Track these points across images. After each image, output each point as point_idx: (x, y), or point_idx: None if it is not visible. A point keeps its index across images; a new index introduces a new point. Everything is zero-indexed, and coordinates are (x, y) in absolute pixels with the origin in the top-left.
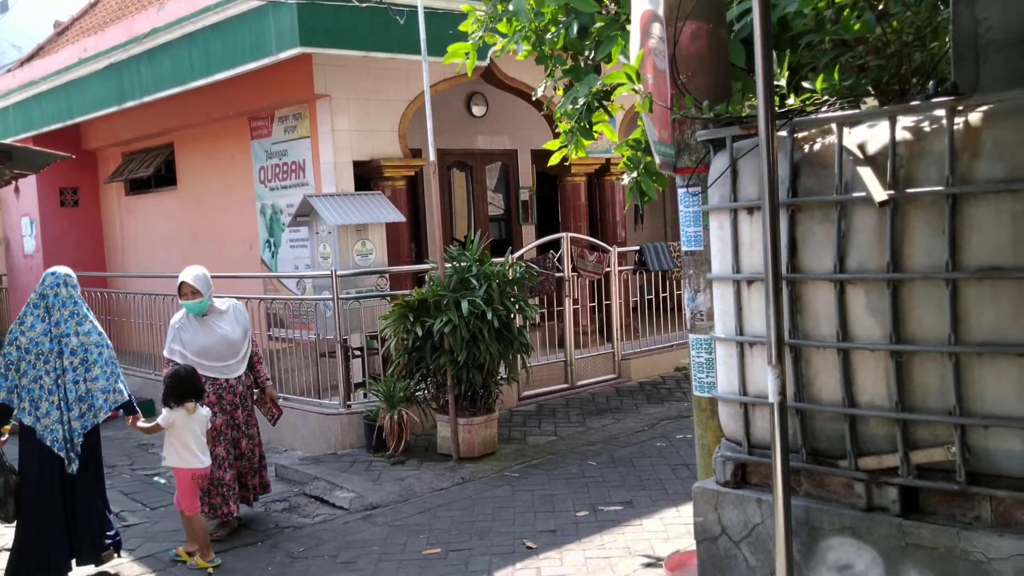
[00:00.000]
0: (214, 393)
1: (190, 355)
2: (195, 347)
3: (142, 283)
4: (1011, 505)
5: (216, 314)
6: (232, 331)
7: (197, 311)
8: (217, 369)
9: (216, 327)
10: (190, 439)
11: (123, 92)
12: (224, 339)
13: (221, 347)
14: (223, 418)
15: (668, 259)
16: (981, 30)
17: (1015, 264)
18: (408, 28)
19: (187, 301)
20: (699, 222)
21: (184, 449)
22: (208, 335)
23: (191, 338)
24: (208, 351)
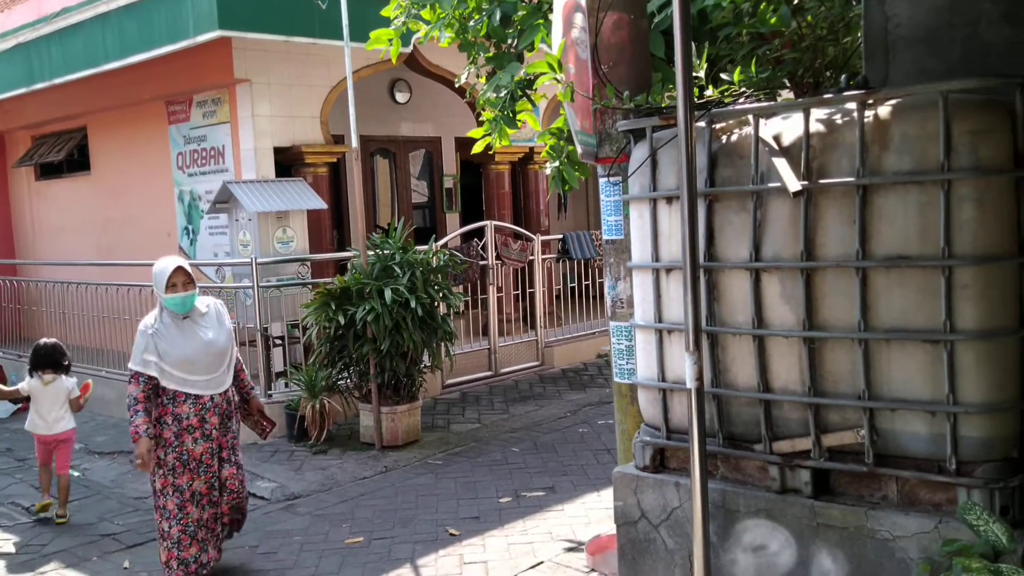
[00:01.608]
0: (195, 415)
1: (168, 367)
2: (175, 357)
3: (54, 271)
4: (916, 485)
5: (197, 315)
6: (216, 336)
7: (184, 308)
8: (201, 384)
9: (199, 331)
10: (44, 407)
11: (32, 73)
12: (209, 346)
13: (206, 356)
14: (204, 446)
15: (591, 247)
16: (891, 26)
17: (921, 253)
18: (330, 13)
19: (176, 294)
20: (620, 211)
21: (36, 415)
22: (190, 342)
23: (169, 346)
24: (191, 362)
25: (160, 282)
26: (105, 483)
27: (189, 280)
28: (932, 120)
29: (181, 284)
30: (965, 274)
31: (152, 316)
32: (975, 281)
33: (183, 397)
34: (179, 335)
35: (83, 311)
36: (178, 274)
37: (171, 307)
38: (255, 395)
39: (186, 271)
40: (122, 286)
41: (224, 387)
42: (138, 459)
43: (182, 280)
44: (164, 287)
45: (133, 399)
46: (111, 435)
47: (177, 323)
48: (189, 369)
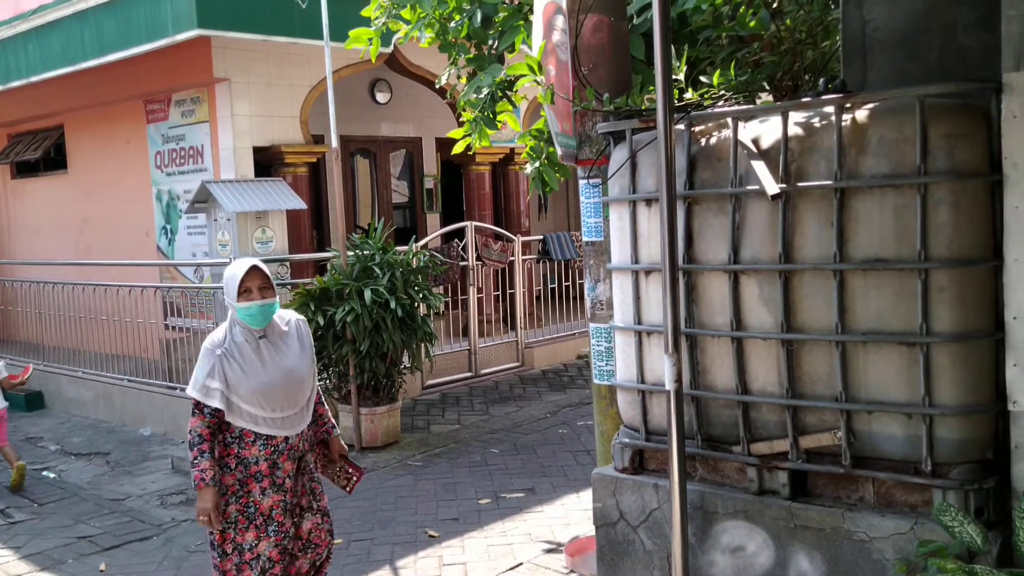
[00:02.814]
0: (265, 460)
1: (237, 399)
2: (247, 387)
3: (29, 270)
4: (892, 487)
5: (276, 333)
6: (298, 361)
7: (262, 321)
8: (275, 423)
9: (277, 355)
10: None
11: (8, 71)
12: (289, 375)
13: (285, 387)
14: (274, 498)
15: (571, 249)
16: (868, 30)
17: (897, 256)
18: (310, 12)
19: (251, 303)
20: (600, 213)
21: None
22: (268, 368)
23: (241, 373)
24: (267, 394)
25: (231, 288)
26: (81, 485)
27: (267, 285)
28: (909, 124)
29: (257, 290)
30: (941, 277)
31: (221, 331)
32: (951, 284)
33: (251, 437)
34: (254, 359)
35: (60, 311)
36: (253, 277)
37: (244, 319)
38: (337, 435)
39: (264, 274)
40: (99, 286)
41: (302, 426)
42: (200, 514)
43: (258, 285)
44: (236, 294)
45: (197, 436)
46: (87, 436)
47: (252, 343)
48: (263, 403)
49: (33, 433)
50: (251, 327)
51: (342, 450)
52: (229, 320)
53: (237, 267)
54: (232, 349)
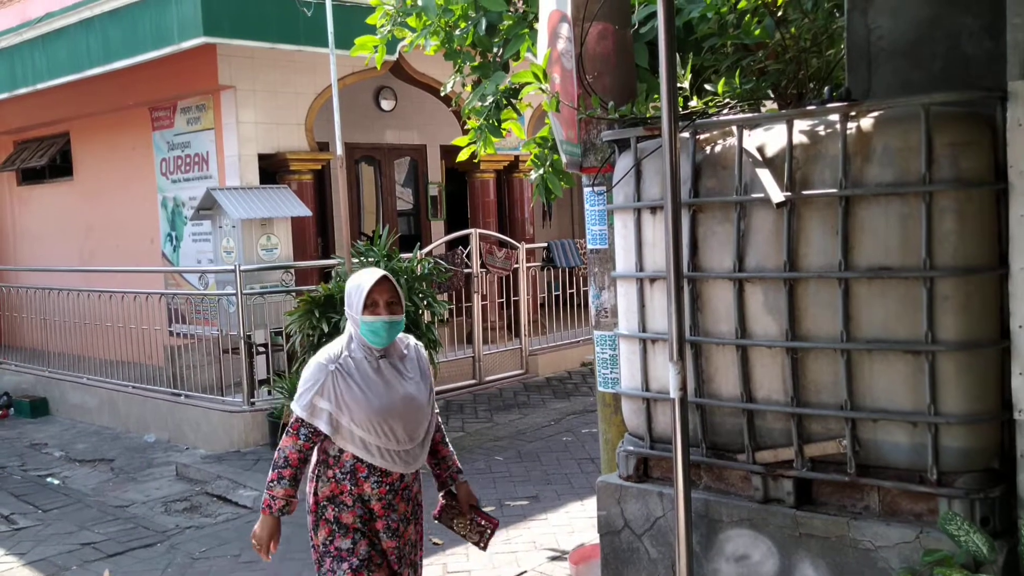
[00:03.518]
0: (378, 499)
1: (349, 422)
2: (366, 410)
3: (35, 277)
4: (897, 495)
5: (396, 355)
6: (418, 389)
7: (387, 339)
8: (394, 456)
9: (400, 379)
10: None
11: (15, 78)
12: (410, 403)
13: (405, 414)
14: (388, 543)
15: (575, 256)
16: (873, 38)
17: (902, 264)
18: (316, 20)
19: (377, 317)
20: (604, 220)
21: None
22: (389, 392)
23: (359, 393)
24: (387, 420)
25: (356, 299)
26: (85, 491)
27: (396, 300)
28: (914, 132)
29: (384, 305)
30: (946, 285)
31: (337, 346)
32: (956, 292)
33: (364, 472)
34: (375, 379)
35: (65, 317)
36: (382, 289)
37: (367, 336)
38: (463, 479)
39: (394, 287)
40: (104, 292)
41: (420, 463)
42: (254, 539)
43: (386, 299)
44: (361, 306)
45: (283, 458)
46: (91, 443)
47: (371, 362)
48: (380, 430)
49: (38, 439)
50: (373, 345)
51: (472, 498)
52: (347, 334)
53: (364, 277)
54: (349, 365)
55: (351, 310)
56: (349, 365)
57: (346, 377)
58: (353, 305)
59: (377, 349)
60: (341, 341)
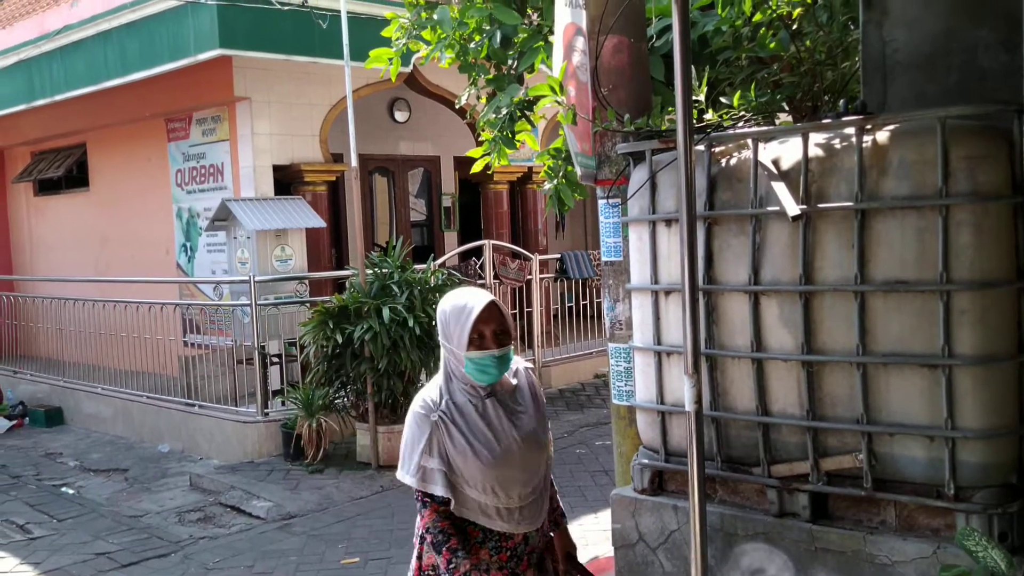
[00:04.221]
0: (497, 568)
1: (460, 482)
2: (477, 465)
3: (51, 287)
4: (914, 510)
5: (505, 389)
6: (536, 423)
7: (496, 376)
8: (515, 515)
9: (512, 418)
10: None
11: (33, 90)
12: (529, 444)
13: (524, 461)
14: None
15: (588, 267)
16: (888, 51)
17: (919, 278)
18: (331, 32)
19: (486, 353)
20: (619, 233)
21: None
22: (501, 438)
23: (467, 446)
24: (503, 473)
25: (458, 331)
26: (100, 501)
27: (505, 329)
28: (930, 146)
29: (491, 336)
30: (963, 299)
31: (434, 388)
32: (973, 306)
33: (479, 536)
34: (481, 426)
35: (80, 327)
36: (489, 317)
37: (473, 374)
38: (566, 524)
39: (502, 313)
40: (119, 303)
41: (543, 515)
42: None
43: (493, 329)
44: (466, 340)
45: (439, 534)
46: (106, 452)
47: (476, 403)
48: (496, 487)
49: (53, 449)
50: (479, 383)
51: (570, 545)
52: (444, 373)
53: (465, 303)
54: (452, 413)
55: (450, 343)
56: (452, 412)
57: (452, 427)
58: (453, 338)
59: (483, 387)
60: (437, 381)
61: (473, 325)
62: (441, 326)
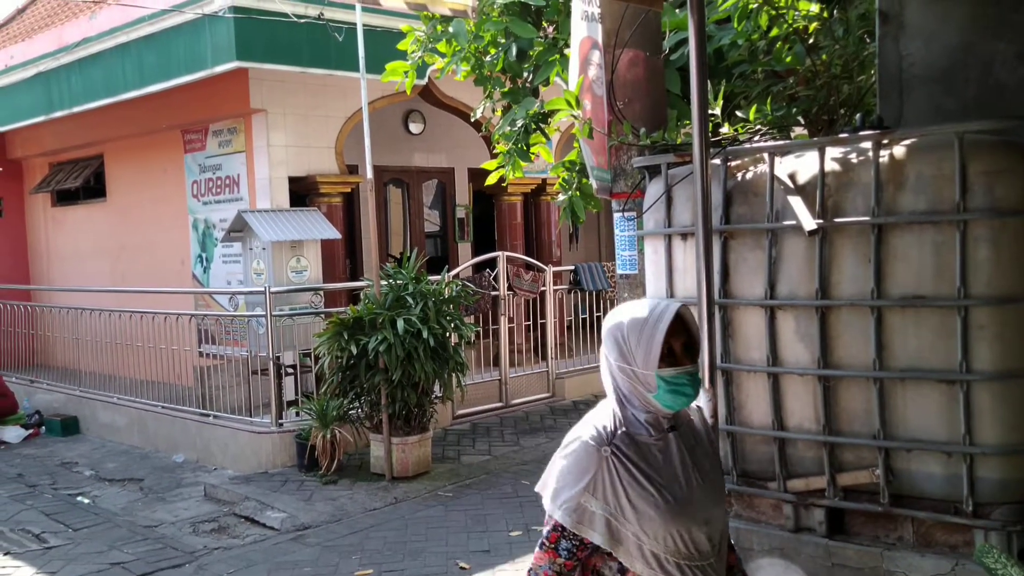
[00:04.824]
0: None
1: (636, 532)
2: (662, 515)
3: (68, 297)
4: (932, 526)
5: (685, 420)
6: (714, 465)
7: (685, 401)
8: (698, 573)
9: (696, 456)
10: None
11: (51, 101)
12: (714, 490)
13: (711, 511)
14: None
15: (602, 279)
16: (905, 65)
17: (936, 293)
18: (346, 45)
19: (679, 371)
20: (634, 246)
21: None
22: (685, 481)
23: (650, 492)
24: (689, 524)
25: (641, 347)
26: (115, 511)
27: (693, 339)
28: (948, 160)
29: (681, 349)
30: (981, 314)
31: (606, 416)
32: (991, 322)
33: None
34: (665, 466)
35: (96, 337)
36: (679, 328)
37: (665, 399)
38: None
39: (692, 325)
40: (135, 313)
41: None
42: None
43: (683, 341)
44: (656, 355)
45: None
46: (121, 462)
47: (657, 438)
48: (678, 540)
49: (68, 458)
50: (668, 411)
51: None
52: (613, 400)
53: (648, 309)
54: (627, 448)
55: (630, 363)
56: (628, 447)
57: (627, 465)
58: (638, 356)
59: (667, 418)
60: (605, 410)
61: (664, 338)
62: (614, 344)
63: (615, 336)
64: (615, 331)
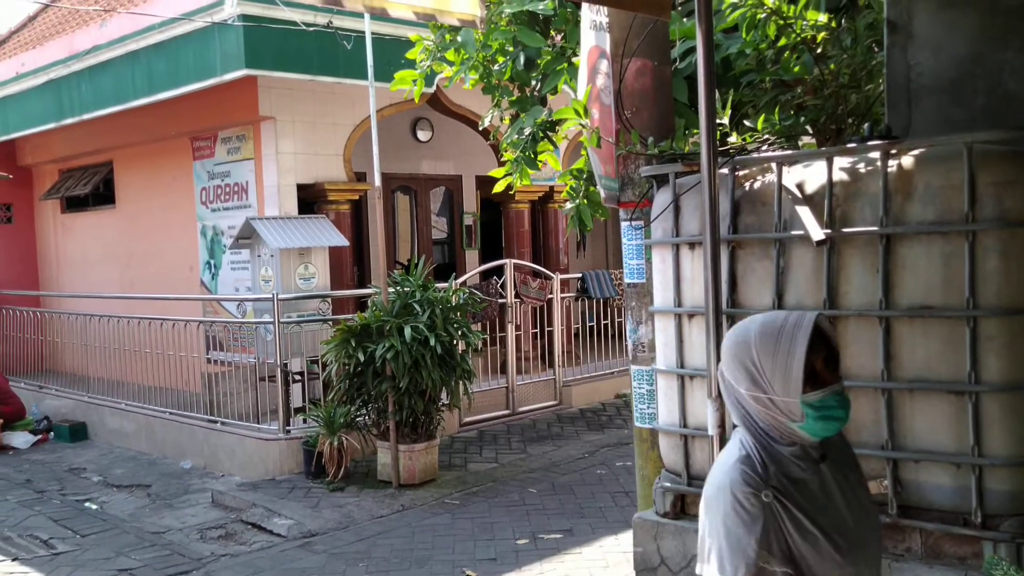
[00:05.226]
0: None
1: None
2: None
3: (77, 303)
4: (940, 538)
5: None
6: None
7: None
8: None
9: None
10: None
11: (62, 109)
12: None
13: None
14: None
15: (610, 287)
16: (913, 75)
17: (945, 304)
18: (355, 53)
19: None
20: (642, 255)
21: None
22: (850, 519)
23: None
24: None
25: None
26: (123, 517)
27: (834, 352)
28: (956, 171)
29: (823, 364)
30: (990, 325)
31: (744, 454)
32: (1000, 332)
33: None
34: (827, 504)
35: (104, 343)
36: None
37: (814, 427)
38: None
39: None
40: (143, 319)
41: None
42: None
43: (823, 356)
44: (800, 379)
45: None
46: (129, 468)
47: (810, 473)
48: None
49: (76, 464)
50: (816, 439)
51: None
52: (752, 432)
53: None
54: (788, 489)
55: (765, 391)
56: (787, 488)
57: (791, 510)
58: (775, 382)
59: (815, 446)
60: (741, 443)
61: (806, 356)
62: (742, 371)
63: (742, 361)
64: (741, 355)
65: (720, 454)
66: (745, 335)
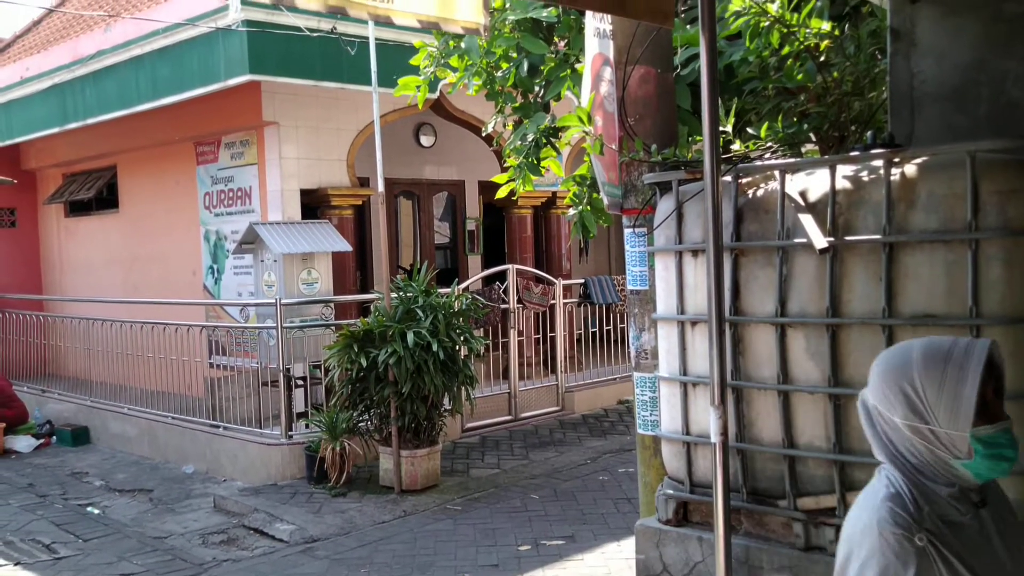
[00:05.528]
0: None
1: None
2: None
3: (80, 307)
4: None
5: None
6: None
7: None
8: None
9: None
10: None
11: (66, 113)
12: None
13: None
14: None
15: (612, 292)
16: (916, 83)
17: (948, 312)
18: (359, 59)
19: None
20: (645, 262)
21: None
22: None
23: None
24: None
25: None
26: (124, 521)
27: (1001, 384)
28: (960, 179)
29: (992, 396)
30: (993, 334)
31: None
32: (1004, 341)
33: None
34: (988, 553)
35: (107, 348)
36: (989, 371)
37: (984, 467)
38: None
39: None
40: (146, 323)
41: None
42: None
43: (993, 386)
44: (972, 412)
45: None
46: (131, 472)
47: (969, 517)
48: None
49: (79, 468)
50: (976, 480)
51: None
52: (903, 468)
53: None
54: (944, 533)
55: (927, 421)
56: (944, 532)
57: (947, 558)
58: (940, 413)
59: (977, 490)
60: (884, 481)
61: (980, 386)
62: (900, 397)
63: (900, 386)
64: (900, 380)
65: (863, 492)
66: (904, 359)
